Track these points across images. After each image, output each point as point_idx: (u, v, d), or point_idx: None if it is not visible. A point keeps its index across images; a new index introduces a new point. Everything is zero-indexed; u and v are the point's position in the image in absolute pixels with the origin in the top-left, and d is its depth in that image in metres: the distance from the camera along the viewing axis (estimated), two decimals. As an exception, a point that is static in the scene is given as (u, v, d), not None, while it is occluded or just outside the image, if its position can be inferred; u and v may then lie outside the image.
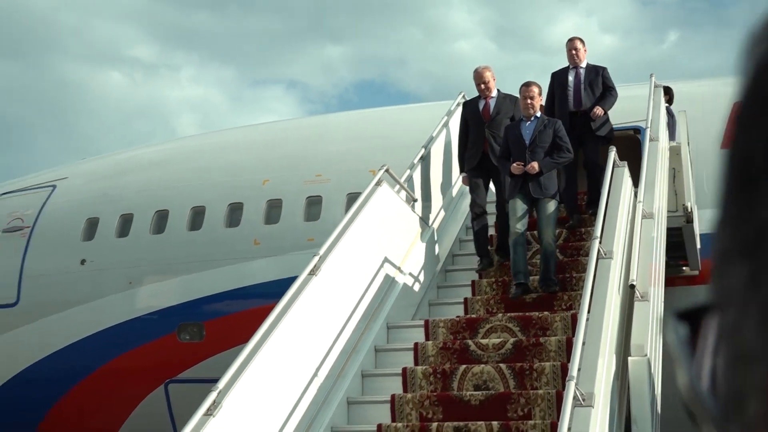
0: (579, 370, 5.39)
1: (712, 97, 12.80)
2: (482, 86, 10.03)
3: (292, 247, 12.16)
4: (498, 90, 10.19)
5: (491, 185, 10.03)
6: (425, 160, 9.94)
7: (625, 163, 8.74)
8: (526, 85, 9.35)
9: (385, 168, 8.80)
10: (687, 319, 0.68)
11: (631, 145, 10.97)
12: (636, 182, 8.54)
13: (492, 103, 10.00)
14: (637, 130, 11.27)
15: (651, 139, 9.10)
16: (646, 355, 6.21)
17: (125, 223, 13.69)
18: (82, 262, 13.64)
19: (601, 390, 5.55)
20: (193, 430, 5.45)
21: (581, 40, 10.76)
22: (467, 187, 10.12)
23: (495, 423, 6.78)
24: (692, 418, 0.62)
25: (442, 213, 10.29)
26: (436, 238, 9.80)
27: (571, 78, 10.57)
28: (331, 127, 14.92)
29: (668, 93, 11.69)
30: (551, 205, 8.84)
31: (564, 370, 7.15)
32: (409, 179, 9.39)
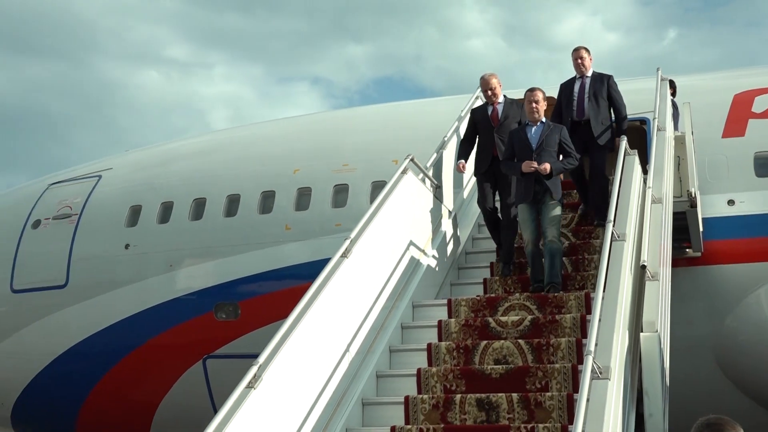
0: (596, 345, 5.36)
1: (713, 89, 12.72)
2: (489, 92, 9.69)
3: (321, 232, 12.19)
4: (504, 95, 9.80)
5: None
6: (447, 150, 9.88)
7: (636, 151, 8.68)
8: (531, 91, 8.94)
9: (410, 157, 8.76)
10: None
11: (637, 135, 10.89)
12: (644, 169, 8.48)
13: (500, 108, 9.65)
14: (643, 121, 11.18)
15: (658, 129, 9.03)
16: (656, 331, 6.17)
17: (166, 211, 13.74)
18: (126, 246, 13.71)
19: (616, 364, 5.51)
20: (236, 402, 5.44)
21: (586, 50, 10.23)
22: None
23: (515, 395, 6.77)
24: None
25: (463, 199, 10.28)
26: (456, 223, 9.79)
27: (576, 87, 10.08)
28: (355, 119, 14.92)
29: (672, 86, 11.60)
30: (556, 208, 8.61)
31: (578, 346, 7.15)
32: (432, 168, 9.35)
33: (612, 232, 6.67)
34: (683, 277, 10.49)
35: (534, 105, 8.77)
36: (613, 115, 10.10)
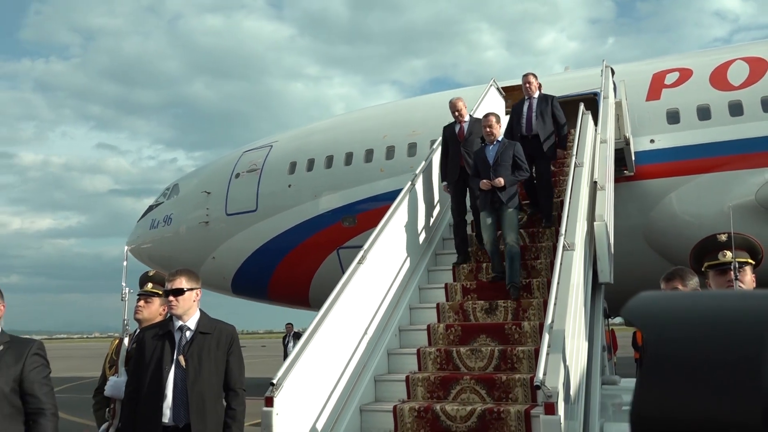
0: (565, 230, 5.22)
1: (639, 71, 12.15)
2: (456, 114, 7.50)
3: (401, 172, 12.11)
4: (470, 115, 7.69)
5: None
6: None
7: (590, 112, 8.34)
8: (485, 117, 6.88)
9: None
10: None
11: (591, 103, 10.46)
12: (596, 122, 8.15)
13: (465, 126, 7.50)
14: (595, 94, 10.73)
15: (604, 98, 8.65)
16: (604, 221, 6.00)
17: (310, 163, 13.85)
18: (289, 186, 13.90)
19: (579, 241, 5.35)
20: (352, 271, 5.46)
21: (534, 75, 8.05)
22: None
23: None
24: None
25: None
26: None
27: (525, 108, 7.89)
28: (419, 104, 14.66)
29: (612, 71, 11.06)
30: (512, 213, 6.44)
31: (556, 232, 6.94)
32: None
33: (575, 162, 6.44)
34: (623, 189, 10.18)
35: (488, 129, 6.75)
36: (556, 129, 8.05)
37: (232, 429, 3.57)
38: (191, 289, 3.72)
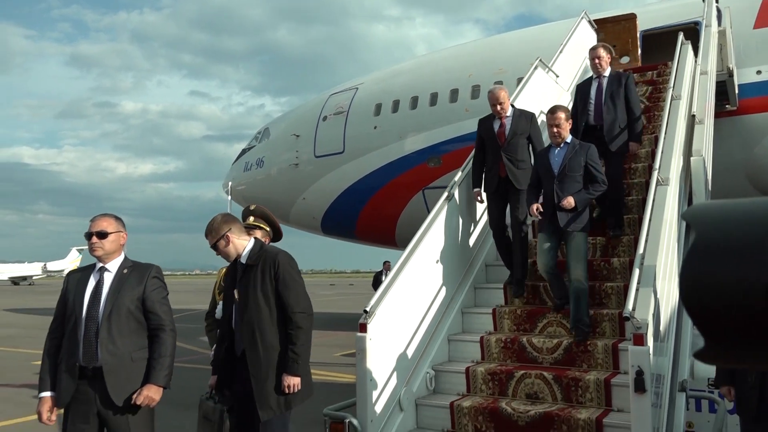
0: (660, 164, 5.01)
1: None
2: (498, 107, 5.79)
3: (487, 111, 11.87)
4: (512, 106, 5.95)
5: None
6: (562, 55, 9.13)
7: (689, 42, 7.80)
8: (552, 112, 5.21)
9: (539, 59, 8.27)
10: None
11: (692, 33, 9.76)
12: (696, 54, 7.62)
13: (507, 123, 5.79)
14: (696, 23, 10.00)
15: (705, 26, 8.05)
16: (702, 156, 5.70)
17: (395, 105, 13.82)
18: (374, 127, 13.97)
19: (674, 176, 5.11)
20: (439, 208, 5.46)
21: (605, 48, 6.49)
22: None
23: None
24: None
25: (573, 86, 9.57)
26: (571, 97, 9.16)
27: (593, 91, 6.34)
28: (504, 41, 14.18)
29: None
30: (581, 240, 4.90)
31: (650, 168, 6.68)
32: (553, 65, 8.75)
33: (671, 95, 6.10)
34: (725, 124, 9.59)
35: (555, 129, 5.13)
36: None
37: (288, 352, 3.68)
38: (221, 237, 3.85)
